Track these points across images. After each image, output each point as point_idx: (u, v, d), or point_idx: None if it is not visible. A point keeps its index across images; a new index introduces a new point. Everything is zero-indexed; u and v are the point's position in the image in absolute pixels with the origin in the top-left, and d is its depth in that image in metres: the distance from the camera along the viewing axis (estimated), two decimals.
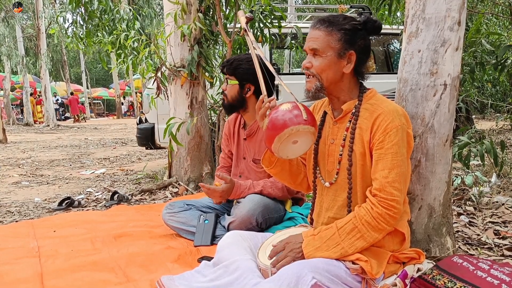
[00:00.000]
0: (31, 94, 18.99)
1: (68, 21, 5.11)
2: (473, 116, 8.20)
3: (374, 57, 6.03)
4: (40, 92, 19.51)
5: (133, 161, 6.96)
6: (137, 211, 3.27)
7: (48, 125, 16.67)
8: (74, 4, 4.52)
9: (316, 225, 1.76)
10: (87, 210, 3.56)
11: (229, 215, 2.46)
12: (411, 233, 1.87)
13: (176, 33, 3.82)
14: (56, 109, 22.40)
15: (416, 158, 1.88)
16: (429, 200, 1.92)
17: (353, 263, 1.51)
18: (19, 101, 23.04)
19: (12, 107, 20.08)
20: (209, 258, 2.06)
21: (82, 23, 4.80)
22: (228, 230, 2.33)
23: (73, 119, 22.42)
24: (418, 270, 1.64)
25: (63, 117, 24.12)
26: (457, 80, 1.87)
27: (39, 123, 18.96)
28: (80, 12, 4.70)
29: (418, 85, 1.85)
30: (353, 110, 1.61)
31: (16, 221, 3.25)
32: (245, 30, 1.78)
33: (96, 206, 3.70)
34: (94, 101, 30.68)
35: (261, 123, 1.62)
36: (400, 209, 1.50)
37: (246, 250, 1.70)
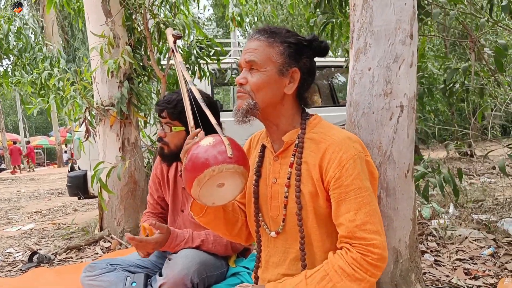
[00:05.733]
0: None
1: None
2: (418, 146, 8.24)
3: (319, 90, 5.92)
4: None
5: (68, 213, 6.31)
6: (58, 274, 2.77)
7: None
8: None
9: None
10: None
11: (161, 275, 2.04)
12: (376, 284, 1.55)
13: (102, 68, 3.44)
14: None
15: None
16: (394, 243, 1.63)
17: None
18: None
19: None
20: None
21: None
22: None
23: (10, 171, 20.96)
24: None
25: None
26: (413, 100, 1.62)
27: None
28: None
29: (371, 108, 1.58)
30: (296, 141, 1.31)
31: None
32: (173, 51, 1.47)
33: (10, 271, 3.14)
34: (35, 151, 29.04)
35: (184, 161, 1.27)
36: (381, 253, 1.17)
37: None
